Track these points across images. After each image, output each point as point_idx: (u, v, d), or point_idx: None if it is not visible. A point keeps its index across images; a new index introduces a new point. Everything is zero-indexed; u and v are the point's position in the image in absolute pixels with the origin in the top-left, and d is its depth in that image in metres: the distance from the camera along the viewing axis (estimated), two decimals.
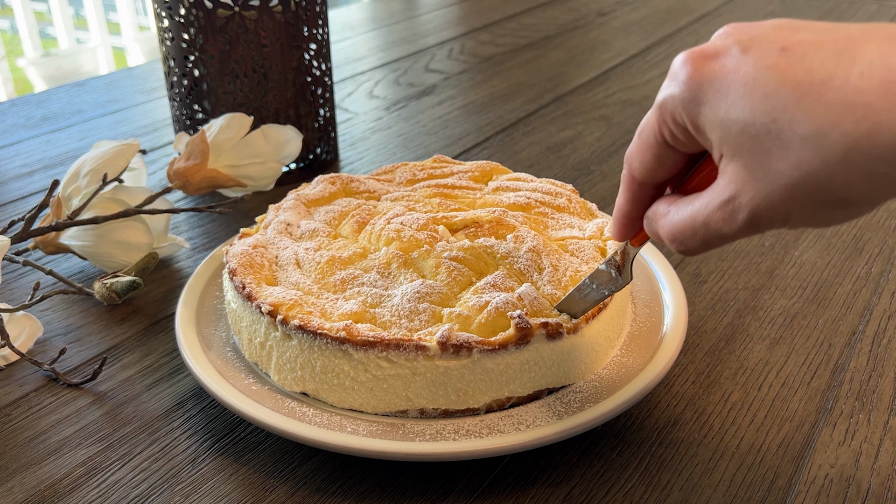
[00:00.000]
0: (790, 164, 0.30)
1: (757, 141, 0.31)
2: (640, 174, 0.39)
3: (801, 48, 0.31)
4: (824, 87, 0.29)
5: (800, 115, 0.30)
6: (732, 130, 0.32)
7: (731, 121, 0.32)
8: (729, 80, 0.32)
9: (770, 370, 0.55)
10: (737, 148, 0.32)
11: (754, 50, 0.32)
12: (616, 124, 1.01)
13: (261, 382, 0.50)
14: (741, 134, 0.32)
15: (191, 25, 0.76)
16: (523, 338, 0.46)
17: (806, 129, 0.30)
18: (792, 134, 0.30)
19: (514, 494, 0.46)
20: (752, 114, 0.31)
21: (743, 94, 0.32)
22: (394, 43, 1.38)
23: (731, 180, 0.33)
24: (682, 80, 0.34)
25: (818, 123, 0.29)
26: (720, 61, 0.33)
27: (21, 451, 0.49)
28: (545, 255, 0.53)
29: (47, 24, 3.89)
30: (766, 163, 0.31)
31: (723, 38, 0.34)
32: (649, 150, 0.38)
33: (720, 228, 0.34)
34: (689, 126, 0.35)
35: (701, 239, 0.36)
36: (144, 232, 0.65)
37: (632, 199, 0.41)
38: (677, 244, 0.37)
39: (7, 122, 1.03)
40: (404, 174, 0.65)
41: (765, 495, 0.45)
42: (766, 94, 0.31)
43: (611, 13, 1.54)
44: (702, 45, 0.35)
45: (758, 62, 0.31)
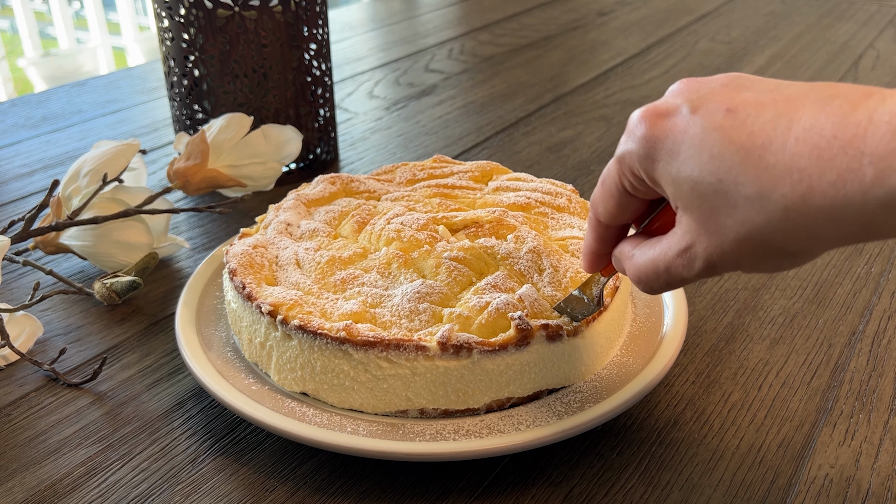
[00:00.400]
0: (736, 221, 0.33)
1: (706, 198, 0.33)
2: (604, 218, 0.42)
3: (744, 110, 0.33)
4: (764, 150, 0.31)
5: (743, 177, 0.32)
6: (684, 187, 0.34)
7: (682, 178, 0.34)
8: (679, 140, 0.34)
9: (770, 370, 0.55)
10: (688, 204, 0.35)
11: (702, 110, 0.34)
12: (616, 124, 1.01)
13: (261, 382, 0.50)
14: (691, 191, 0.34)
15: (191, 25, 0.76)
16: (523, 339, 0.46)
17: (749, 190, 0.32)
18: (737, 194, 0.32)
19: (514, 494, 0.46)
20: (701, 173, 0.33)
21: (691, 154, 0.34)
22: (394, 43, 1.38)
23: (687, 231, 0.35)
24: (638, 137, 0.36)
25: (759, 185, 0.31)
26: (671, 120, 0.35)
27: (21, 451, 0.49)
28: (545, 256, 0.53)
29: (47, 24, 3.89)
30: (715, 218, 0.33)
31: (675, 96, 0.36)
32: (612, 198, 0.40)
33: (680, 273, 0.37)
34: (645, 179, 0.37)
35: (664, 282, 0.38)
36: (144, 232, 0.65)
37: (598, 239, 0.44)
38: (642, 285, 0.40)
39: (7, 122, 1.03)
40: (404, 174, 0.65)
41: (765, 495, 0.45)
42: (713, 155, 0.33)
43: (611, 13, 1.54)
44: (656, 102, 0.37)
45: (705, 123, 0.33)
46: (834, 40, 1.35)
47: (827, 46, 1.32)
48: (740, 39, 1.37)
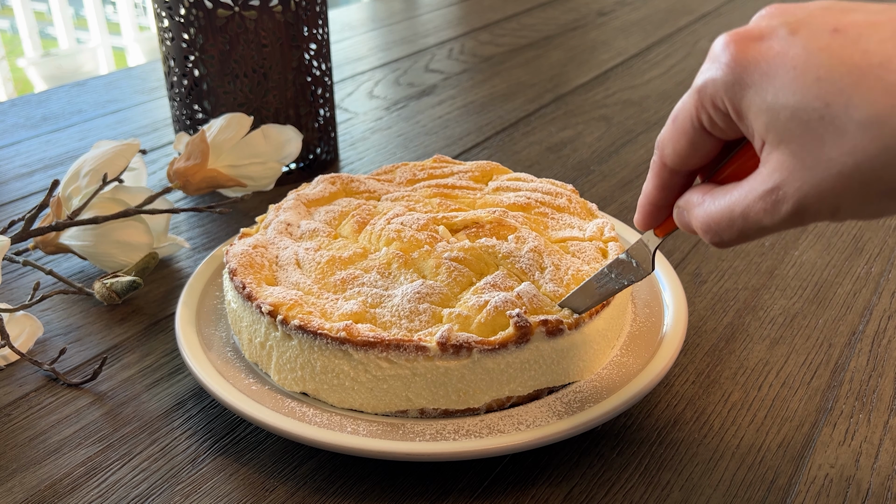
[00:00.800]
0: (844, 152, 0.29)
1: (808, 127, 0.30)
2: (671, 161, 0.38)
3: (855, 29, 0.29)
4: (883, 69, 0.28)
5: (856, 100, 0.28)
6: (781, 116, 0.31)
7: (780, 106, 0.30)
8: (777, 63, 0.31)
9: (770, 370, 0.55)
10: (785, 134, 0.31)
11: (803, 31, 0.31)
12: (616, 124, 1.01)
13: (261, 382, 0.50)
14: (791, 119, 0.30)
15: (191, 25, 0.76)
16: (523, 336, 0.46)
17: (863, 114, 0.28)
18: (847, 119, 0.29)
19: (514, 494, 0.46)
20: (804, 98, 0.30)
21: (793, 77, 0.30)
22: (394, 43, 1.38)
23: (776, 169, 0.31)
24: (725, 63, 0.32)
25: (877, 108, 0.28)
26: (766, 43, 0.31)
27: (21, 451, 0.49)
28: (546, 255, 0.53)
29: (47, 24, 3.89)
30: (817, 150, 0.30)
31: (767, 20, 0.32)
32: (684, 136, 0.36)
33: (761, 220, 0.33)
34: (730, 111, 0.33)
35: (738, 230, 0.34)
36: (144, 232, 0.65)
37: (661, 187, 0.39)
38: (711, 235, 0.35)
39: (7, 122, 1.03)
40: (404, 174, 0.65)
41: (765, 495, 0.45)
42: (819, 77, 0.29)
43: (611, 13, 1.54)
44: (744, 26, 0.33)
45: (808, 44, 0.30)
46: None
47: None
48: None
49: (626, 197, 0.81)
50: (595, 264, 0.53)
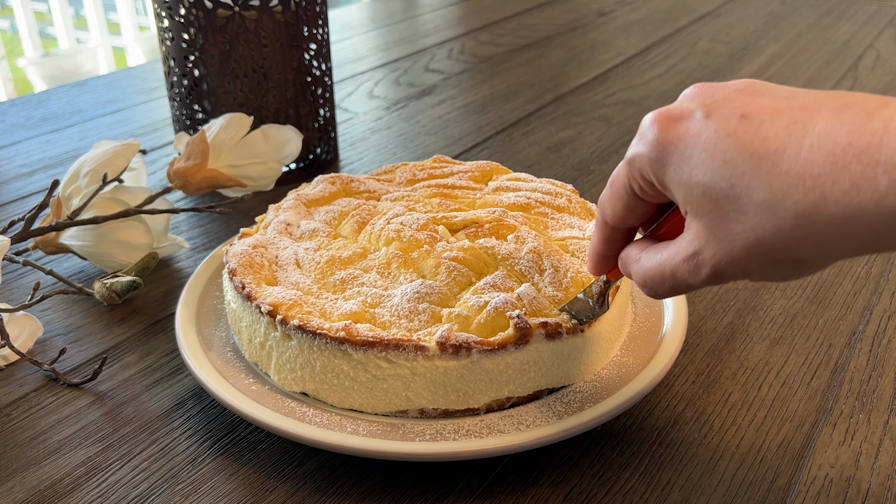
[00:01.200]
0: (746, 228, 0.32)
1: (717, 204, 0.33)
2: (611, 220, 0.42)
3: (758, 116, 0.33)
4: (778, 157, 0.31)
5: (755, 183, 0.32)
6: (695, 192, 0.34)
7: (694, 183, 0.34)
8: (692, 144, 0.34)
9: (770, 370, 0.55)
10: (699, 209, 0.34)
11: (716, 115, 0.34)
12: (616, 124, 1.01)
13: (261, 382, 0.50)
14: (702, 196, 0.34)
15: (191, 25, 0.76)
16: (522, 338, 0.46)
17: (761, 197, 0.32)
18: (748, 200, 0.32)
19: (514, 494, 0.46)
20: (713, 178, 0.33)
21: (704, 158, 0.33)
22: (394, 43, 1.38)
23: (695, 237, 0.35)
24: (650, 141, 0.36)
25: (771, 192, 0.31)
26: (684, 124, 0.35)
27: (21, 451, 0.49)
28: (546, 256, 0.53)
29: (47, 24, 3.89)
30: (725, 224, 0.33)
31: (689, 101, 0.36)
32: (620, 200, 0.40)
33: (686, 279, 0.37)
34: (655, 183, 0.37)
35: (669, 286, 0.38)
36: (144, 232, 0.65)
37: (605, 241, 0.43)
38: (648, 289, 0.39)
39: (7, 122, 1.03)
40: (404, 174, 0.65)
41: (765, 495, 0.45)
42: (726, 160, 0.33)
43: (611, 13, 1.54)
44: (670, 105, 0.37)
45: (718, 128, 0.33)
46: (834, 40, 1.35)
47: (827, 46, 1.32)
48: (740, 39, 1.37)
49: None
50: None
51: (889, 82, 1.15)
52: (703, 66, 1.23)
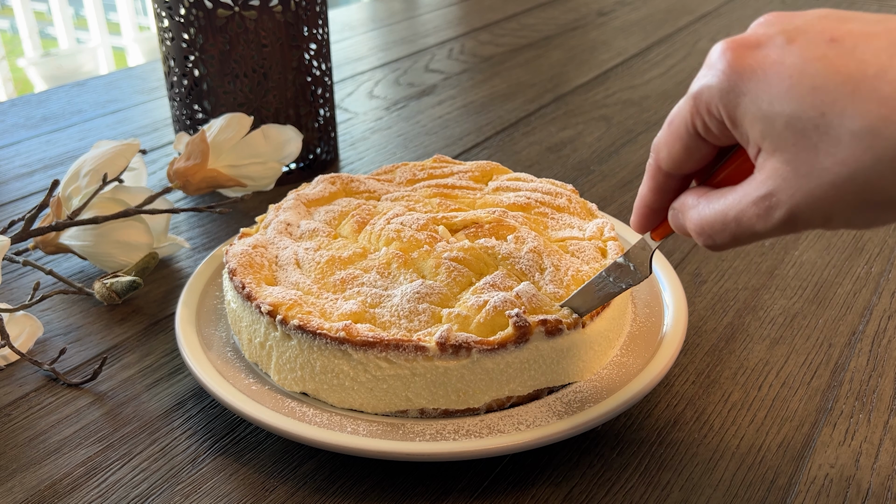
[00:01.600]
0: (838, 161, 0.29)
1: (803, 135, 0.30)
2: (666, 164, 0.38)
3: (851, 39, 0.30)
4: (878, 80, 0.28)
5: (851, 110, 0.29)
6: (776, 124, 0.31)
7: (775, 114, 0.31)
8: (773, 72, 0.31)
9: (770, 370, 0.55)
10: (780, 143, 0.31)
11: (800, 40, 0.31)
12: (616, 124, 1.01)
13: (261, 382, 0.50)
14: (786, 128, 0.30)
15: (191, 25, 0.76)
16: (522, 336, 0.46)
17: (857, 125, 0.28)
18: (842, 129, 0.29)
19: (514, 494, 0.46)
20: (800, 107, 0.30)
21: (789, 86, 0.30)
22: (394, 43, 1.38)
23: (770, 176, 0.32)
24: (721, 70, 0.32)
25: (871, 119, 0.28)
26: (763, 51, 0.31)
27: (21, 451, 0.49)
28: (546, 256, 0.53)
29: (47, 24, 3.89)
30: (811, 159, 0.30)
31: (765, 27, 0.32)
32: (679, 141, 0.36)
33: (753, 225, 0.33)
34: (725, 118, 0.33)
35: (731, 234, 0.34)
36: (144, 232, 0.65)
37: (656, 190, 0.39)
38: (705, 238, 0.36)
39: (7, 122, 1.03)
40: (404, 174, 0.65)
41: (765, 495, 0.45)
42: (815, 86, 0.29)
43: (611, 13, 1.54)
44: (742, 34, 0.33)
45: (805, 53, 0.30)
46: None
47: None
48: None
49: (626, 197, 0.81)
50: (595, 264, 0.53)
51: None
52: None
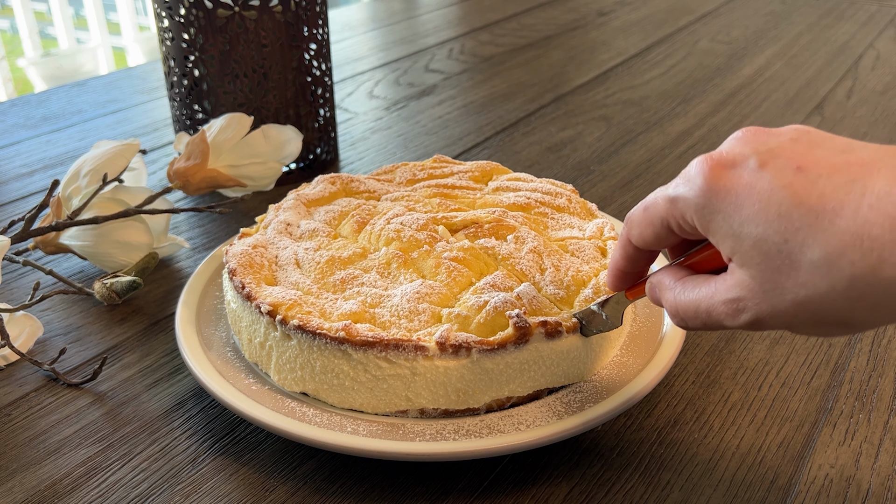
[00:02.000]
0: (797, 284, 0.32)
1: (768, 257, 0.32)
2: (637, 242, 0.41)
3: (816, 170, 0.32)
4: (835, 215, 0.30)
5: (810, 240, 0.31)
6: (745, 244, 0.33)
7: (744, 235, 0.33)
8: (744, 195, 0.33)
9: (770, 370, 0.55)
10: (747, 259, 0.33)
11: (771, 165, 0.33)
12: (616, 124, 1.01)
13: (261, 382, 0.50)
14: (753, 248, 0.33)
15: (191, 25, 0.76)
16: (522, 337, 0.46)
17: (815, 254, 0.31)
18: (802, 256, 0.31)
19: (514, 494, 0.46)
20: (766, 231, 0.32)
21: (758, 210, 0.32)
22: (394, 43, 1.38)
23: (738, 284, 0.34)
24: (698, 187, 0.35)
25: (827, 250, 0.30)
26: (737, 172, 0.34)
27: (21, 451, 0.49)
28: (546, 256, 0.53)
29: (47, 24, 3.89)
30: (774, 278, 0.33)
31: (741, 146, 0.35)
32: (650, 227, 0.39)
33: (722, 321, 0.36)
34: (699, 228, 0.36)
35: (702, 322, 0.37)
36: (144, 232, 0.65)
37: (627, 259, 0.43)
38: (678, 320, 0.39)
39: (7, 122, 1.03)
40: (404, 174, 0.65)
41: (765, 495, 0.45)
42: (780, 213, 0.32)
43: (611, 13, 1.54)
44: (720, 149, 0.35)
45: (774, 180, 0.32)
46: (834, 40, 1.35)
47: (827, 46, 1.32)
48: (740, 39, 1.37)
49: (625, 197, 0.81)
50: (595, 263, 0.54)
51: (889, 82, 1.15)
52: (703, 66, 1.23)
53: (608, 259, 0.54)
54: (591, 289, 0.51)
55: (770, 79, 1.17)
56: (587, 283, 0.52)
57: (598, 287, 0.51)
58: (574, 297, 0.50)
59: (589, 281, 0.52)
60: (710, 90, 1.13)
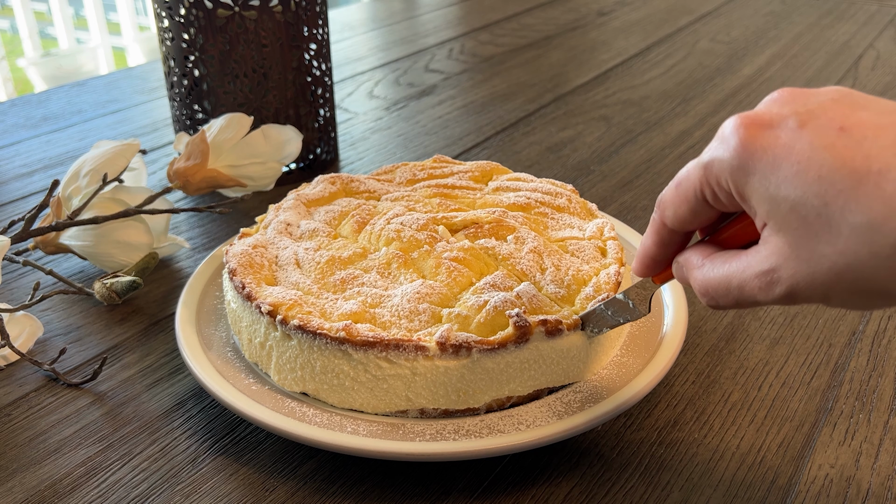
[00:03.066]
0: (837, 250, 0.30)
1: (806, 221, 0.31)
2: (672, 223, 0.39)
3: (860, 131, 0.30)
4: (881, 177, 0.29)
5: (853, 204, 0.29)
6: (781, 207, 0.32)
7: (781, 197, 0.31)
8: (782, 155, 0.31)
9: (770, 370, 0.55)
10: (783, 224, 0.32)
11: (811, 125, 0.31)
12: (616, 124, 1.01)
13: (261, 382, 0.50)
14: (790, 212, 0.31)
15: (191, 25, 0.76)
16: (522, 336, 0.46)
17: (858, 219, 0.29)
18: (842, 221, 0.30)
19: (514, 494, 0.46)
20: (804, 194, 0.31)
21: (796, 171, 0.31)
22: (394, 43, 1.38)
23: (773, 252, 0.33)
24: (733, 147, 0.33)
25: (871, 215, 0.29)
26: (774, 132, 0.32)
27: (21, 451, 0.49)
28: (546, 256, 0.53)
29: (47, 24, 3.89)
30: (811, 244, 0.31)
31: (779, 106, 0.33)
32: (686, 203, 0.37)
33: (755, 295, 0.34)
34: (734, 192, 0.34)
35: (734, 299, 0.36)
36: (144, 232, 0.65)
37: (660, 244, 0.41)
38: (708, 299, 0.37)
39: (7, 122, 1.03)
40: (404, 174, 0.65)
41: (765, 495, 0.45)
42: (821, 175, 0.30)
43: (611, 13, 1.54)
44: (756, 109, 0.34)
45: (814, 140, 0.31)
46: (834, 40, 1.35)
47: (827, 46, 1.32)
48: (740, 39, 1.37)
49: (626, 197, 0.81)
50: (595, 263, 0.53)
51: (889, 82, 1.15)
52: (703, 66, 1.23)
53: (608, 259, 0.54)
54: (591, 287, 0.51)
55: (770, 79, 1.17)
56: (587, 282, 0.52)
57: (598, 285, 0.51)
58: (574, 296, 0.50)
59: (589, 280, 0.52)
60: (710, 90, 1.13)
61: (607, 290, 0.50)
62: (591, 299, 0.49)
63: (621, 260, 0.54)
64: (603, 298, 0.48)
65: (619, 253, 0.54)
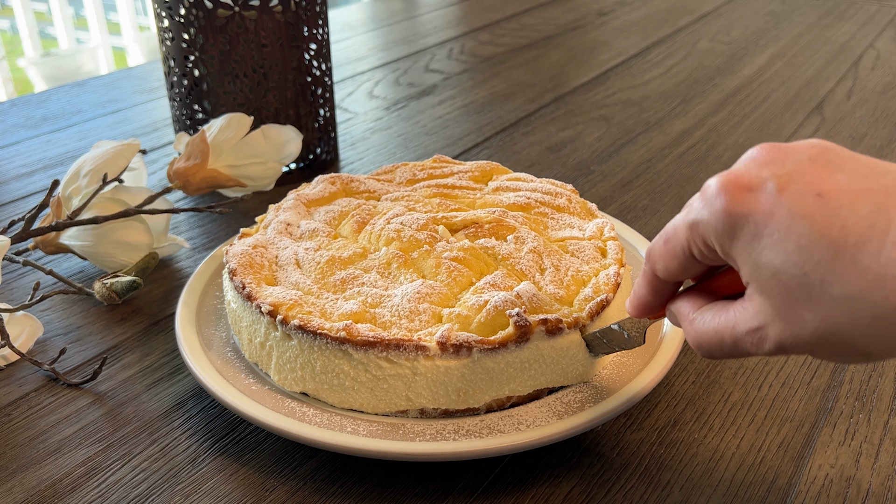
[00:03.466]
0: (818, 317, 0.31)
1: (787, 288, 0.32)
2: (662, 275, 0.40)
3: (837, 198, 0.31)
4: (857, 250, 0.29)
5: (831, 276, 0.30)
6: (764, 273, 0.32)
7: (763, 264, 0.32)
8: (763, 223, 0.32)
9: (770, 370, 0.55)
10: (767, 289, 0.33)
11: (790, 190, 0.32)
12: (616, 124, 1.01)
13: (261, 382, 0.50)
14: (772, 278, 0.32)
15: (191, 25, 0.76)
16: (522, 335, 0.46)
17: (837, 291, 0.30)
18: (822, 291, 0.30)
19: (514, 494, 0.46)
20: (784, 263, 0.31)
21: (776, 239, 0.32)
22: (394, 43, 1.38)
23: (760, 312, 0.34)
24: (717, 211, 0.34)
25: (849, 287, 0.30)
26: (755, 196, 0.33)
27: (21, 451, 0.49)
28: (546, 256, 0.53)
29: (47, 24, 3.89)
30: (794, 309, 0.32)
31: (758, 167, 0.34)
32: (675, 259, 0.38)
33: (748, 350, 0.35)
34: (719, 252, 0.35)
35: (728, 353, 0.37)
36: (144, 232, 0.65)
37: (652, 293, 0.42)
38: (702, 351, 0.38)
39: (7, 122, 1.03)
40: (404, 174, 0.65)
41: (765, 495, 0.45)
42: (800, 245, 0.31)
43: (611, 13, 1.55)
44: (736, 169, 0.34)
45: (793, 207, 0.31)
46: (834, 40, 1.35)
47: (827, 46, 1.32)
48: (740, 39, 1.37)
49: (626, 197, 0.81)
50: (595, 264, 0.54)
51: (889, 82, 1.15)
52: (703, 66, 1.23)
53: (608, 259, 0.54)
54: (590, 288, 0.51)
55: (770, 79, 1.17)
56: (587, 282, 0.52)
57: (597, 286, 0.51)
58: (574, 296, 0.50)
59: (589, 280, 0.52)
60: (710, 90, 1.13)
61: (606, 291, 0.50)
62: (590, 300, 0.49)
63: (621, 260, 0.54)
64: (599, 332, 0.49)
65: (619, 253, 0.54)
